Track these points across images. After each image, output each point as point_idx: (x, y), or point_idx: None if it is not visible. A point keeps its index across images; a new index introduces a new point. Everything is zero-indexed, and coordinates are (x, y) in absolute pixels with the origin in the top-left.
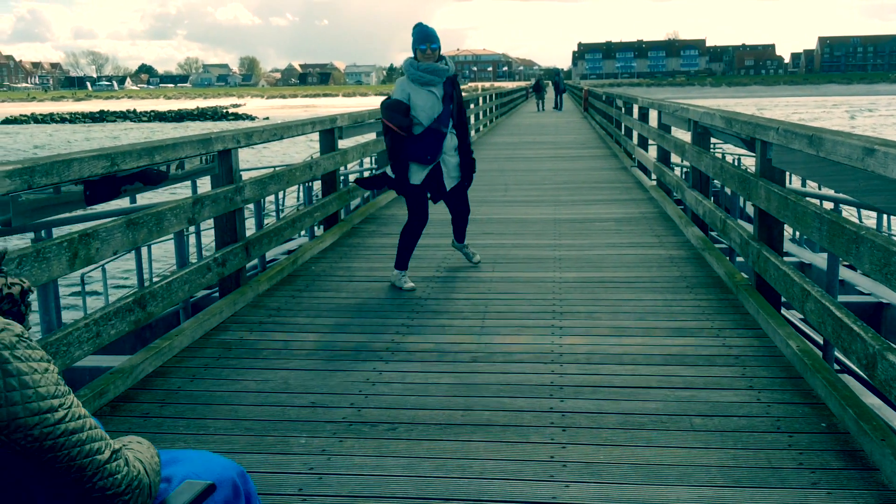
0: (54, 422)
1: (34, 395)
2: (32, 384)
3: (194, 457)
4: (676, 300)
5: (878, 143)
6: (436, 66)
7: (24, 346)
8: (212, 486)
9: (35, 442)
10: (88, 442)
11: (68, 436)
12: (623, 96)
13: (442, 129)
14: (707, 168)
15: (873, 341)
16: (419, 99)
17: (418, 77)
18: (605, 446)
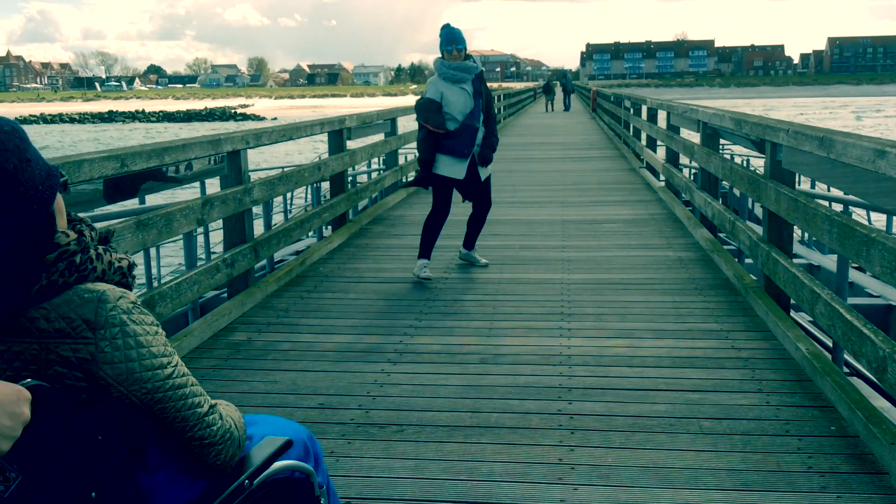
0: (164, 377)
1: (147, 353)
2: (146, 344)
3: (269, 420)
4: (685, 302)
5: (890, 145)
6: (465, 64)
7: (139, 312)
8: (289, 442)
9: (148, 394)
10: (191, 396)
11: (175, 389)
12: (631, 97)
13: (475, 123)
14: (716, 169)
15: (883, 344)
16: (452, 96)
17: (450, 75)
18: (614, 449)
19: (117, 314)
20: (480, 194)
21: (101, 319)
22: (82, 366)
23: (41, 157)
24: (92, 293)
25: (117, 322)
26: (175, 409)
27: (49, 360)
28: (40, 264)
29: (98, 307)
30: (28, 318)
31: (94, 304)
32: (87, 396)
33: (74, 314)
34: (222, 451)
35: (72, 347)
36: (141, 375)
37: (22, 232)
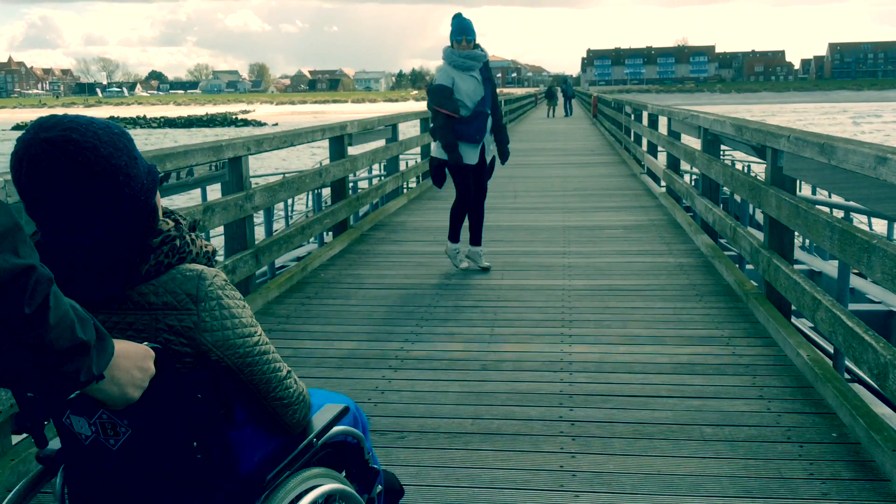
0: (252, 343)
1: (239, 323)
2: (238, 315)
3: (319, 391)
4: (686, 308)
5: (891, 152)
6: (474, 52)
7: (230, 289)
8: (346, 409)
9: (240, 359)
10: (273, 361)
11: (261, 355)
12: (632, 103)
13: (486, 110)
14: (717, 175)
15: (885, 351)
16: (463, 83)
17: (460, 63)
18: (616, 456)
19: (214, 289)
20: (480, 181)
21: (201, 294)
22: (186, 333)
23: (142, 155)
24: (192, 272)
25: (214, 296)
26: (261, 371)
27: (158, 328)
28: (148, 248)
29: (199, 283)
30: (139, 294)
31: (195, 281)
32: (190, 360)
33: (179, 290)
34: (297, 411)
35: (177, 318)
36: (234, 342)
37: (132, 220)
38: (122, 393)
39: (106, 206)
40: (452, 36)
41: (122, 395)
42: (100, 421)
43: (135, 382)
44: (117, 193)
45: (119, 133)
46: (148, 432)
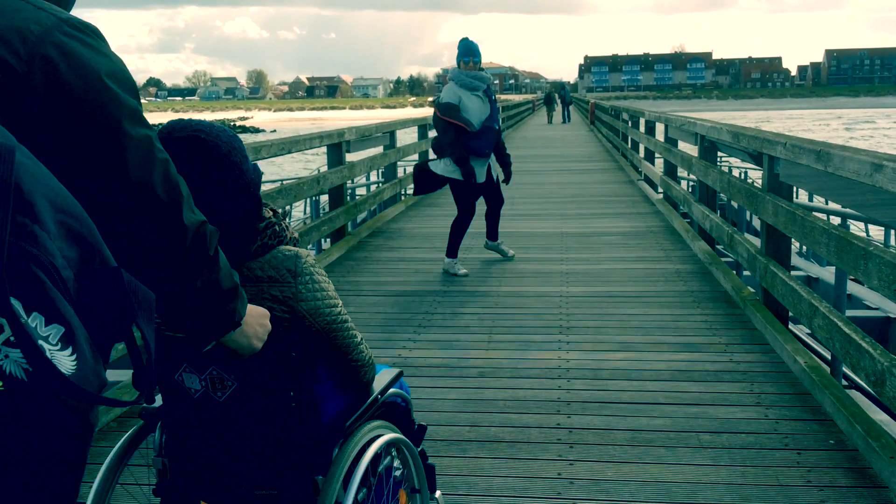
0: (337, 313)
1: (327, 295)
2: (325, 289)
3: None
4: (684, 315)
5: (887, 159)
6: (480, 74)
7: (319, 267)
8: (400, 372)
9: (327, 325)
10: (351, 329)
11: (342, 323)
12: (629, 110)
13: (495, 126)
14: (714, 182)
15: (882, 358)
16: (470, 102)
17: (467, 83)
18: (613, 463)
19: (308, 267)
20: (495, 192)
21: (298, 270)
22: (286, 302)
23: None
24: (290, 251)
25: (308, 272)
26: (342, 336)
27: (263, 298)
28: (255, 231)
29: (296, 261)
30: (248, 269)
31: (293, 260)
32: (288, 324)
33: (280, 266)
34: (367, 372)
35: (279, 289)
36: (323, 311)
37: (244, 207)
38: (249, 344)
39: (226, 194)
40: (459, 57)
41: (249, 345)
42: (210, 376)
43: (259, 336)
44: (235, 184)
45: (233, 136)
46: (251, 384)
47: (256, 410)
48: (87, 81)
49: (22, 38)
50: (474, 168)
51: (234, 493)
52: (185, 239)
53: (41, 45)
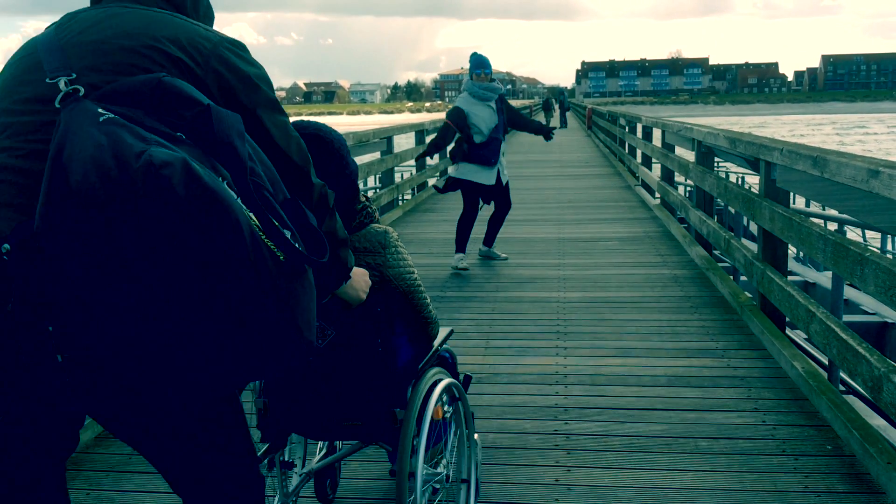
0: (414, 279)
1: (407, 264)
2: (407, 259)
3: None
4: (681, 320)
5: (883, 165)
6: (491, 85)
7: (401, 242)
8: (451, 330)
9: (407, 287)
10: (424, 292)
11: (418, 287)
12: (626, 115)
13: (500, 136)
14: (711, 188)
15: (879, 363)
16: (479, 112)
17: (479, 94)
18: (611, 469)
19: (394, 241)
20: (502, 196)
21: (387, 242)
22: (378, 269)
23: None
24: (380, 228)
25: (394, 245)
26: (418, 297)
27: (358, 264)
28: (354, 211)
29: (385, 236)
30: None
31: (383, 235)
32: (377, 286)
33: (373, 239)
34: (434, 327)
35: (372, 258)
36: (405, 276)
37: (347, 192)
38: (357, 295)
39: (336, 180)
40: (472, 70)
41: (357, 297)
42: None
43: (363, 289)
44: (341, 172)
45: (340, 135)
46: (347, 333)
47: (348, 356)
48: (243, 83)
49: (198, 51)
50: (482, 172)
51: (324, 424)
52: (314, 194)
53: (212, 58)
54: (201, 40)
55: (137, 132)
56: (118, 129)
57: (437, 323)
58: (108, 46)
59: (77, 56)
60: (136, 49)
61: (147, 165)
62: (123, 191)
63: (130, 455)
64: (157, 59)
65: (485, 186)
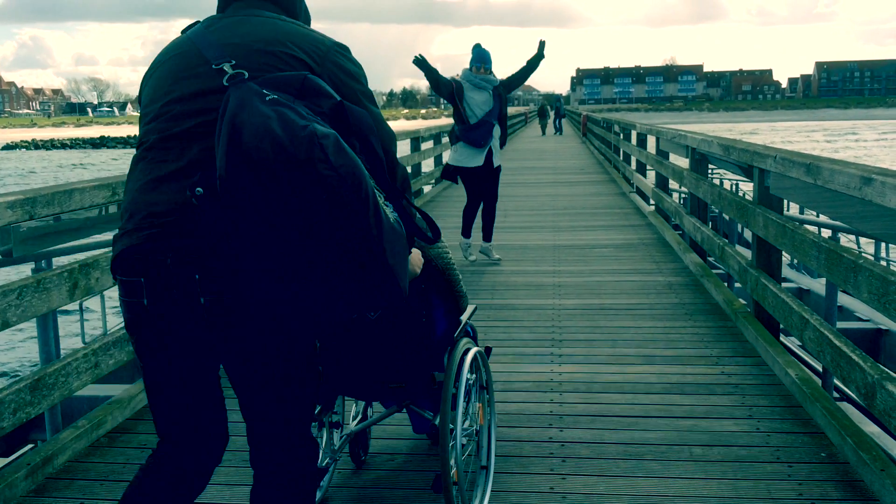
0: (450, 258)
1: (445, 246)
2: (443, 240)
3: None
4: (675, 327)
5: (876, 173)
6: (487, 77)
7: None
8: (476, 307)
9: (444, 266)
10: (457, 270)
11: (453, 266)
12: (621, 122)
13: (492, 120)
14: (705, 195)
15: (872, 370)
16: (475, 95)
17: (475, 81)
18: (605, 477)
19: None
20: (491, 181)
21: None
22: (421, 249)
23: None
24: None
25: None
26: (453, 274)
27: None
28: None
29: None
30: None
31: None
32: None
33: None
34: (464, 301)
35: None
36: (443, 256)
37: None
38: (413, 270)
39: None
40: (472, 61)
41: (413, 271)
42: None
43: (418, 266)
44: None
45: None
46: (396, 307)
47: (396, 325)
48: (350, 78)
49: (316, 52)
50: (471, 157)
51: (370, 386)
52: (398, 176)
53: (327, 58)
54: (318, 44)
55: (298, 111)
56: (282, 107)
57: (466, 297)
58: (250, 49)
59: (228, 54)
60: (272, 51)
61: (311, 135)
62: (288, 155)
63: (124, 464)
64: (287, 60)
65: (475, 169)
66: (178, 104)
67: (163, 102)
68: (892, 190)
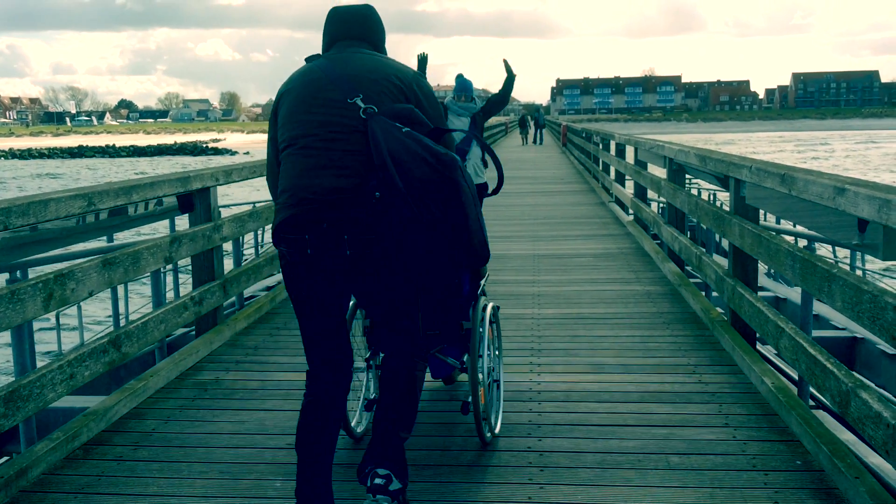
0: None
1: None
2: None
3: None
4: (653, 336)
5: (849, 183)
6: (467, 104)
7: None
8: (488, 274)
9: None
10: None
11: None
12: (600, 132)
13: (465, 147)
14: (682, 205)
15: (846, 379)
16: (456, 121)
17: (457, 110)
18: (584, 486)
19: None
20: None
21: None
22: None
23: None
24: None
25: None
26: (484, 245)
27: None
28: None
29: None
30: None
31: None
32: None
33: None
34: (484, 269)
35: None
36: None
37: None
38: None
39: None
40: (455, 91)
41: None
42: None
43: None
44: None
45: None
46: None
47: (437, 287)
48: (427, 99)
49: (405, 81)
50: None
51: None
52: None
53: (413, 85)
54: (405, 73)
55: (424, 141)
56: (415, 139)
57: (487, 266)
58: (365, 79)
59: (355, 86)
60: (379, 81)
61: (452, 160)
62: (442, 175)
63: (99, 477)
64: (390, 89)
65: None
66: (316, 116)
67: (304, 116)
68: (864, 200)
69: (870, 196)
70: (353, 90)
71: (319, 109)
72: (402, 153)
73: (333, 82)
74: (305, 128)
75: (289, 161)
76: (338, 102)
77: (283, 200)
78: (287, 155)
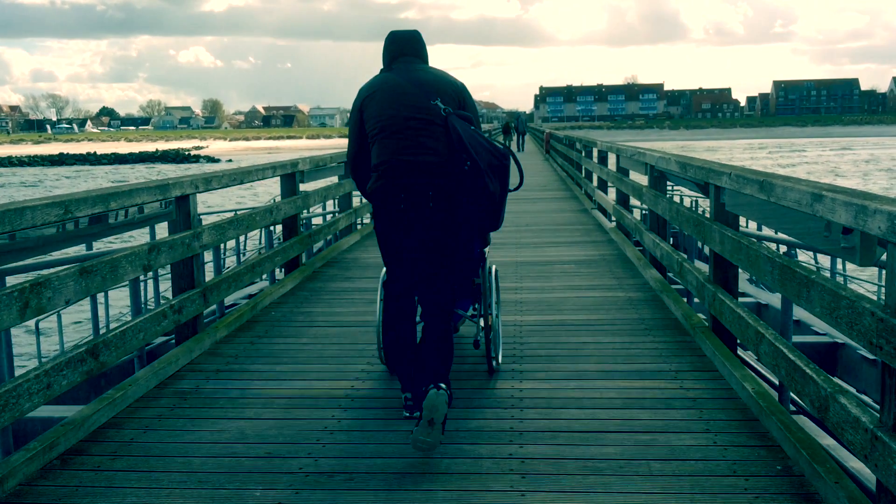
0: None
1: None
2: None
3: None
4: (635, 343)
5: (826, 189)
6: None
7: None
8: (490, 240)
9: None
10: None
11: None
12: (583, 139)
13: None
14: (664, 211)
15: (825, 384)
16: None
17: None
18: (565, 493)
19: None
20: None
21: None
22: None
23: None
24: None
25: None
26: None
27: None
28: None
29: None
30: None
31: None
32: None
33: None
34: (489, 238)
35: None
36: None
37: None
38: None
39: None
40: None
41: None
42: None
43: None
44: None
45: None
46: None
47: (466, 247)
48: (470, 106)
49: (455, 88)
50: None
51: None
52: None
53: (461, 93)
54: (454, 83)
55: (485, 136)
56: (480, 134)
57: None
58: (429, 88)
59: (432, 90)
60: (439, 90)
61: (506, 152)
62: (501, 161)
63: (77, 487)
64: (452, 94)
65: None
66: (402, 112)
67: (391, 111)
68: (842, 206)
69: (847, 202)
70: (432, 94)
71: (403, 107)
72: (475, 144)
73: (414, 87)
74: (394, 120)
75: (383, 144)
76: (421, 102)
77: (382, 170)
78: (381, 139)
